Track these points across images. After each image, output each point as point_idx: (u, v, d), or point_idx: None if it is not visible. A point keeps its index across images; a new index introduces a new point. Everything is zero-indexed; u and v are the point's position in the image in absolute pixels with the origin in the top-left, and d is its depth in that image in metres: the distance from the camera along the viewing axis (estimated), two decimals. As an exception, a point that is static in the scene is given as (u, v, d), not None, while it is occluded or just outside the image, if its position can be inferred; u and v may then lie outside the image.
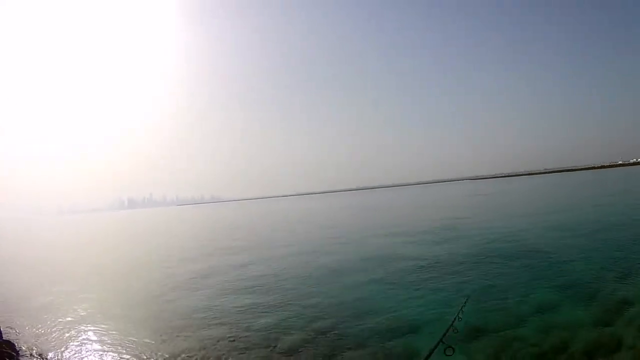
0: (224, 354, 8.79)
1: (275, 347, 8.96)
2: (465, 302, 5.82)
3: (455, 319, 4.16)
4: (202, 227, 59.41)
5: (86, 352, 9.54)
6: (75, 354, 9.49)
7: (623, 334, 7.77)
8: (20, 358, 9.29)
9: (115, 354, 9.22)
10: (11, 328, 11.42)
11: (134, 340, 9.90)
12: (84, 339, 10.39)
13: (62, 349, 9.79)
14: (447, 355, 2.99)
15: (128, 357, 9.01)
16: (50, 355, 9.44)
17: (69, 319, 12.32)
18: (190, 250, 28.63)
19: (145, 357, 8.89)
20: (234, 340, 9.52)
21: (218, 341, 9.55)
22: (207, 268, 20.31)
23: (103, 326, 11.30)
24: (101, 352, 9.45)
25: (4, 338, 9.86)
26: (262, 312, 11.55)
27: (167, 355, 8.85)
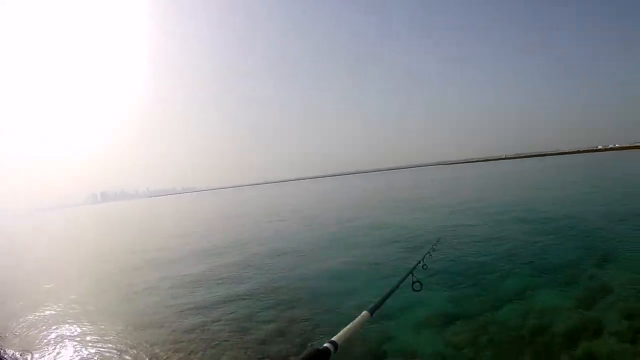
0: (195, 346, 8.58)
1: (248, 336, 8.71)
2: (437, 241, 5.79)
3: (426, 254, 3.99)
4: (167, 218, 58.69)
5: (70, 351, 9.30)
6: (59, 353, 9.26)
7: (604, 318, 7.54)
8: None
9: (96, 352, 9.02)
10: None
11: (113, 335, 9.81)
12: (66, 338, 10.08)
13: (46, 350, 9.51)
14: (415, 290, 2.91)
15: (106, 353, 8.84)
16: (36, 356, 9.16)
17: (49, 318, 11.95)
18: (154, 242, 28.13)
19: (124, 352, 8.70)
20: (204, 331, 9.33)
21: (189, 332, 9.35)
22: (169, 260, 20.13)
23: (84, 324, 11.06)
24: (83, 350, 9.22)
25: None
26: (231, 302, 11.31)
27: (146, 350, 8.65)
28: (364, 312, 1.67)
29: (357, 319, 1.54)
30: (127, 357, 8.49)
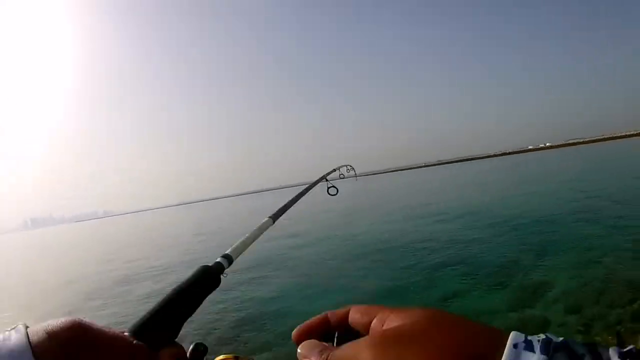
0: None
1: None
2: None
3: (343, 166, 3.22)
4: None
5: None
6: None
7: (548, 313, 6.45)
8: None
9: None
10: None
11: None
12: None
13: None
14: (330, 194, 2.56)
15: None
16: None
17: None
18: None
19: None
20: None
21: None
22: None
23: None
24: None
25: None
26: None
27: None
28: (266, 219, 1.36)
29: (257, 227, 1.27)
30: None
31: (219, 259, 0.96)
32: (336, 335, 0.53)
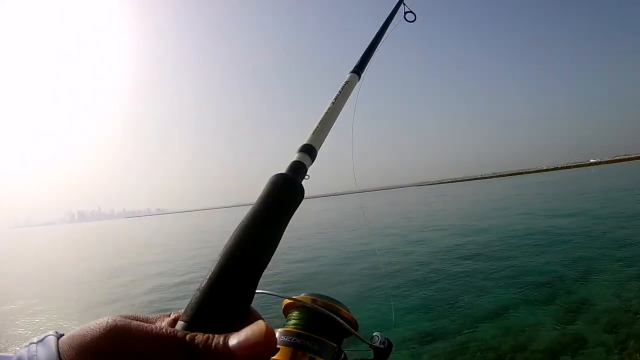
0: None
1: None
2: None
3: None
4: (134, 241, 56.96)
5: None
6: None
7: (587, 333, 7.10)
8: None
9: None
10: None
11: None
12: None
13: None
14: (408, 21, 2.20)
15: None
16: None
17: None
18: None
19: None
20: None
21: None
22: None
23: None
24: None
25: None
26: None
27: None
28: (350, 74, 1.03)
29: (342, 87, 0.94)
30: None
31: (296, 156, 0.66)
32: None
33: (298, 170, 0.63)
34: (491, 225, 24.28)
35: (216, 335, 0.43)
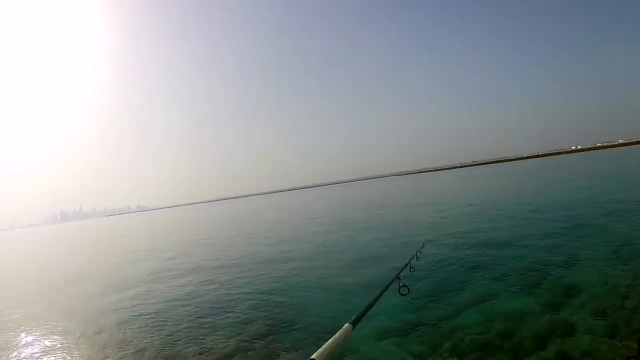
0: None
1: (208, 355, 7.99)
2: (423, 245, 6.04)
3: (413, 257, 3.97)
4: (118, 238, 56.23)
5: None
6: None
7: (576, 319, 6.91)
8: None
9: None
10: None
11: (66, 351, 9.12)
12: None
13: None
14: (401, 294, 2.78)
15: None
16: None
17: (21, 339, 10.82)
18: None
19: None
20: (160, 352, 8.47)
21: (144, 352, 8.51)
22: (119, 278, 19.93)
23: (48, 345, 9.90)
24: None
25: None
26: (190, 320, 10.34)
27: None
28: (346, 325, 1.43)
29: (338, 333, 1.33)
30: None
31: None
32: None
33: None
34: (474, 211, 24.34)
35: None
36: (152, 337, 9.29)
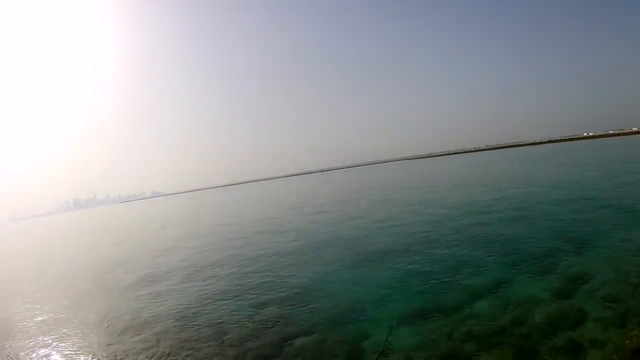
0: (172, 350, 8.22)
1: (224, 339, 8.36)
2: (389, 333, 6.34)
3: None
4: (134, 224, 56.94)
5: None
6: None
7: (585, 306, 7.16)
8: None
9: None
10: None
11: (90, 342, 9.40)
12: (47, 345, 9.60)
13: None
14: None
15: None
16: None
17: (33, 325, 11.45)
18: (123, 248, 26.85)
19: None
20: (181, 334, 8.98)
21: (166, 337, 8.91)
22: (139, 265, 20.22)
23: (64, 331, 10.49)
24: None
25: None
26: (207, 305, 10.78)
27: (122, 356, 8.35)
28: None
29: None
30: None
31: None
32: None
33: None
34: (484, 196, 24.42)
35: None
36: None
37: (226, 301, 10.84)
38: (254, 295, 10.95)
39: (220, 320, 9.46)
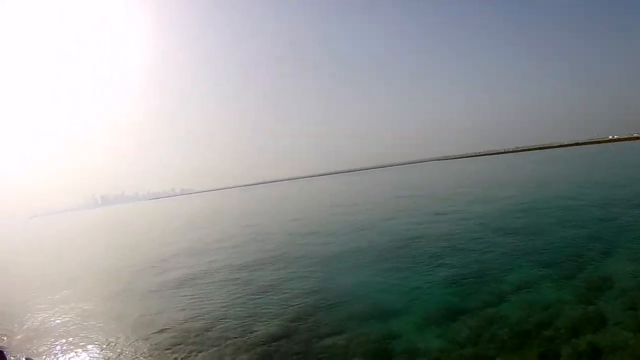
0: (201, 346, 8.67)
1: (251, 336, 8.76)
2: None
3: None
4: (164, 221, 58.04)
5: (74, 357, 9.36)
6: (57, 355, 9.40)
7: (606, 311, 7.51)
8: None
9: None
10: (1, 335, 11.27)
11: (118, 339, 9.81)
12: (72, 344, 10.11)
13: (52, 355, 9.58)
14: None
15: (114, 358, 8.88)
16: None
17: (57, 323, 12.04)
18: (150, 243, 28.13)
19: (128, 356, 8.83)
20: (210, 331, 9.41)
21: (196, 334, 9.40)
22: (171, 261, 20.50)
23: (90, 328, 11.10)
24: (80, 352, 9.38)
25: None
26: (236, 302, 11.32)
27: (150, 353, 8.79)
28: None
29: None
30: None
31: None
32: None
33: None
34: (510, 198, 24.45)
35: None
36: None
37: (259, 297, 11.48)
38: (287, 291, 11.58)
39: (250, 316, 9.99)
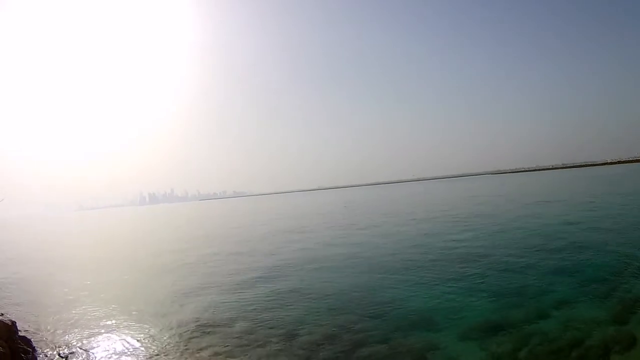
0: (243, 349, 8.82)
1: (294, 341, 9.04)
2: None
3: None
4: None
5: (102, 348, 9.53)
6: (90, 350, 9.44)
7: (638, 332, 7.94)
8: (36, 354, 9.11)
9: (133, 352, 9.18)
10: (29, 324, 11.42)
11: (152, 338, 9.86)
12: (100, 335, 10.38)
13: (78, 345, 9.70)
14: None
15: (146, 355, 8.96)
16: (65, 351, 9.39)
17: (86, 314, 12.39)
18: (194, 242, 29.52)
19: (163, 354, 8.87)
20: (252, 334, 9.61)
21: (238, 336, 9.58)
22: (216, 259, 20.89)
23: (119, 322, 11.35)
24: (117, 349, 9.42)
25: (20, 334, 9.45)
26: (281, 306, 11.72)
27: (187, 353, 8.84)
28: None
29: None
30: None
31: None
32: None
33: None
34: (554, 216, 24.17)
35: None
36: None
37: (303, 303, 11.89)
38: (331, 299, 12.02)
39: (293, 321, 10.30)
